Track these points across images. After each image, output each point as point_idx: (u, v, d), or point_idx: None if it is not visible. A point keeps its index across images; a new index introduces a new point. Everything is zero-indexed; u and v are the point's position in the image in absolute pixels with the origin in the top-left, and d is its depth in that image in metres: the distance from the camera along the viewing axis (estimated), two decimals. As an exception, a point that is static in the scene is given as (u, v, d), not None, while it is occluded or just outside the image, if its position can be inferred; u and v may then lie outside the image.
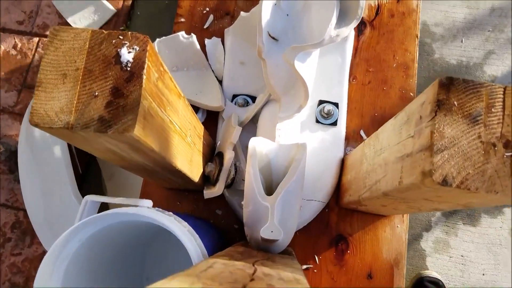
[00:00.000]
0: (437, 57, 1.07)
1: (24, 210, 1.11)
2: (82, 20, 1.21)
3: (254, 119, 0.70)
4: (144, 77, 0.34)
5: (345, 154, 0.71)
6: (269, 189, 0.55)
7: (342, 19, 0.60)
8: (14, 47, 1.24)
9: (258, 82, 0.72)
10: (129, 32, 0.35)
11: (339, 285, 0.67)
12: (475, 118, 0.32)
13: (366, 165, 0.52)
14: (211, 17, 0.78)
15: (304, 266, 0.68)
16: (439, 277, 0.96)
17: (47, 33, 1.24)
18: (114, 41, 0.34)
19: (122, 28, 1.20)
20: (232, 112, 0.69)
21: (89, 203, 0.48)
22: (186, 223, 0.44)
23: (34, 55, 1.22)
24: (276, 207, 0.44)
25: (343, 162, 0.69)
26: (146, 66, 0.34)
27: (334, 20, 0.57)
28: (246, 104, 0.71)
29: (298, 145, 0.51)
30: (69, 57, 0.34)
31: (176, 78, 0.73)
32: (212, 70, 0.75)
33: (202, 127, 0.59)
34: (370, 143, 0.52)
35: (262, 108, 0.68)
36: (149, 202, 0.43)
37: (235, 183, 0.64)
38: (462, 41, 1.08)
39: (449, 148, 0.31)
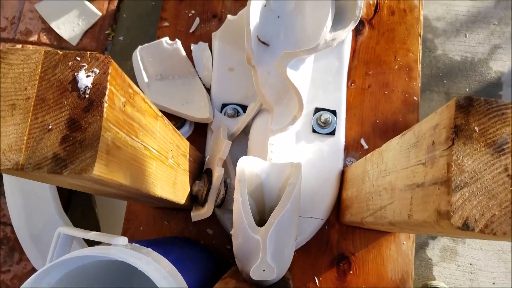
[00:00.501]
0: (439, 53, 1.02)
1: (12, 226, 1.06)
2: (66, 24, 1.15)
3: (246, 130, 0.64)
4: (106, 105, 0.29)
5: (345, 165, 0.65)
6: (262, 214, 0.49)
7: (339, 21, 0.55)
8: (-5, 54, 1.18)
9: (249, 89, 0.67)
10: (88, 53, 0.29)
11: (342, 307, 0.62)
12: (500, 147, 0.27)
13: (369, 184, 0.47)
14: (197, 20, 0.72)
15: (304, 288, 0.63)
16: (446, 287, 0.91)
17: (31, 39, 1.19)
18: (70, 63, 0.29)
19: (107, 31, 1.14)
20: (221, 123, 0.63)
21: (62, 236, 0.43)
22: (167, 261, 0.39)
23: (16, 62, 1.17)
24: (269, 241, 0.39)
25: (343, 174, 0.64)
26: (107, 91, 0.29)
27: (329, 22, 0.51)
28: (237, 114, 0.65)
29: (292, 165, 0.46)
30: (19, 84, 0.29)
31: (161, 88, 0.68)
32: (200, 78, 0.70)
33: (187, 144, 0.54)
34: (373, 160, 0.47)
35: (253, 118, 0.63)
36: (123, 240, 0.38)
37: (225, 202, 0.59)
38: (466, 36, 1.02)
39: (470, 185, 0.26)
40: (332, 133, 0.64)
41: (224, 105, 0.66)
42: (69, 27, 1.16)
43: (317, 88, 0.65)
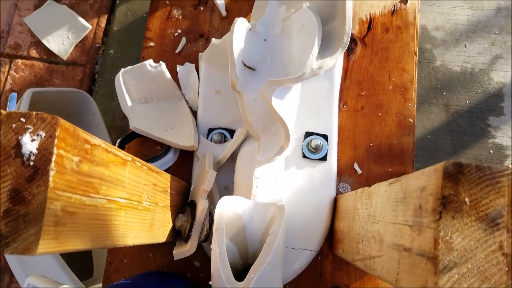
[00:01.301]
0: (438, 64, 0.98)
1: None
2: (56, 38, 1.13)
3: (234, 156, 0.61)
4: (53, 172, 0.26)
5: (338, 191, 0.62)
6: (245, 258, 0.46)
7: (326, 47, 0.51)
8: (-15, 69, 1.16)
9: (236, 113, 0.64)
10: (34, 113, 0.26)
11: None
12: (494, 221, 0.23)
13: (359, 225, 0.44)
14: (183, 40, 0.69)
15: (296, 323, 0.60)
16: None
17: (21, 53, 1.16)
18: (14, 125, 0.26)
19: (98, 45, 1.12)
20: (207, 151, 0.60)
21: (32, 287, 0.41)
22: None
23: (6, 78, 1.14)
24: (248, 296, 0.36)
25: (335, 201, 0.61)
26: (54, 157, 0.26)
27: (315, 50, 0.48)
28: (223, 139, 0.62)
29: (276, 206, 0.43)
30: (-42, 147, 0.26)
31: (146, 111, 0.65)
32: (186, 100, 0.67)
33: (168, 177, 0.51)
34: (363, 199, 0.44)
35: (241, 144, 0.60)
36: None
37: (210, 236, 0.56)
38: (465, 46, 0.98)
39: (460, 265, 0.23)
40: (324, 158, 0.61)
41: (210, 130, 0.63)
42: (59, 41, 1.13)
43: (307, 111, 0.62)
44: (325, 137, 0.61)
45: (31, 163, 0.26)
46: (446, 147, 1.07)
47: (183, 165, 0.65)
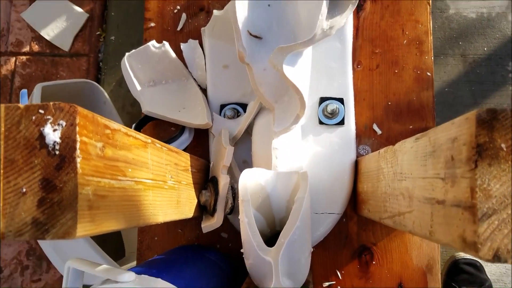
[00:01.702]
0: (452, 12, 0.94)
1: (34, 238, 1.08)
2: (55, 30, 1.12)
3: (249, 129, 0.61)
4: (79, 159, 0.26)
5: (358, 153, 0.62)
6: (272, 225, 0.47)
7: (335, 5, 0.49)
8: (-9, 69, 1.16)
9: (247, 86, 0.63)
10: (51, 104, 0.26)
11: (368, 301, 0.60)
12: (532, 164, 0.23)
13: (385, 184, 0.44)
14: (183, 16, 0.67)
15: (326, 284, 0.61)
16: (475, 257, 0.88)
17: (24, 50, 1.16)
18: (34, 117, 0.26)
19: (98, 32, 1.10)
20: (222, 127, 0.60)
21: (72, 270, 0.42)
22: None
23: (14, 75, 1.15)
24: (281, 261, 0.36)
25: (356, 164, 0.60)
26: (78, 145, 0.26)
27: (324, 9, 0.46)
28: (237, 114, 0.62)
29: (299, 174, 0.43)
30: (-17, 145, 0.26)
31: (156, 94, 0.64)
32: (194, 79, 0.66)
33: (187, 156, 0.51)
34: (387, 158, 0.43)
35: (255, 117, 0.59)
36: (129, 276, 0.36)
37: (235, 208, 0.57)
38: (479, -10, 0.94)
39: (500, 211, 0.23)
40: (341, 122, 0.60)
41: (222, 106, 0.63)
42: (59, 32, 1.12)
43: (320, 76, 0.61)
44: (341, 100, 0.60)
45: (57, 152, 0.26)
46: (466, 98, 1.04)
47: (199, 144, 0.65)
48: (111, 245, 1.07)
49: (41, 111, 0.26)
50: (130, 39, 1.06)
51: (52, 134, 0.26)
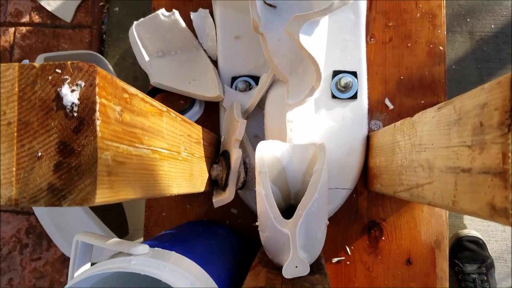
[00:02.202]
0: (463, -13, 0.91)
1: (35, 214, 1.08)
2: (57, 0, 1.09)
3: (261, 103, 0.60)
4: (99, 121, 0.25)
5: (370, 129, 0.61)
6: (287, 198, 0.47)
7: (353, -28, 0.47)
8: (-8, 41, 1.14)
9: (259, 58, 0.61)
10: (69, 63, 0.25)
11: (376, 275, 0.60)
12: None
13: (401, 157, 0.43)
14: (193, -16, 0.65)
15: (336, 259, 0.61)
16: (478, 235, 0.89)
17: (23, 20, 1.13)
18: (50, 77, 0.25)
19: (101, 3, 1.08)
20: (233, 100, 0.59)
21: (81, 244, 0.42)
22: (193, 264, 0.37)
23: (13, 47, 1.12)
24: (298, 233, 0.36)
25: (368, 139, 0.60)
26: (98, 106, 0.25)
27: (343, -24, 0.44)
28: (249, 87, 0.60)
29: (316, 146, 0.42)
30: (-3, 107, 0.25)
31: (165, 65, 0.63)
32: (205, 50, 0.64)
33: (199, 128, 0.50)
34: (404, 131, 0.43)
35: (267, 90, 0.58)
36: (143, 248, 0.36)
37: (247, 183, 0.56)
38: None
39: (534, 178, 0.22)
40: (354, 96, 0.59)
41: (234, 78, 0.62)
42: (60, 3, 1.09)
43: (333, 48, 0.59)
44: (354, 74, 0.59)
45: (75, 114, 0.25)
46: (472, 76, 1.03)
47: (209, 118, 0.64)
48: (114, 223, 1.07)
49: (58, 70, 0.25)
50: (135, 11, 1.04)
51: (70, 95, 0.25)
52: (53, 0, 1.09)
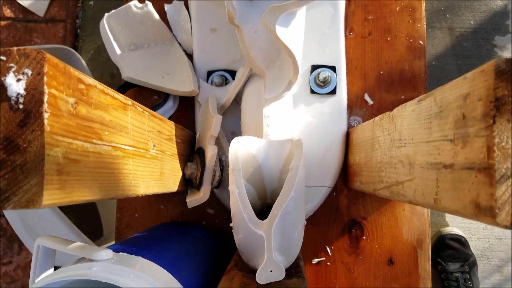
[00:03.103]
0: (442, -16, 0.91)
1: (5, 217, 1.03)
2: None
3: (238, 98, 0.58)
4: (47, 114, 0.22)
5: (350, 125, 0.60)
6: (263, 197, 0.45)
7: (331, -38, 0.46)
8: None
9: (236, 51, 0.59)
10: (15, 49, 0.22)
11: (357, 275, 0.59)
12: (557, 121, 0.20)
13: (380, 153, 0.42)
14: (167, -25, 0.62)
15: (316, 260, 0.60)
16: (460, 232, 0.89)
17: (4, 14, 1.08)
18: (-8, 64, 0.22)
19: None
20: (209, 95, 0.57)
21: (42, 248, 0.39)
22: (161, 269, 0.35)
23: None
24: (274, 235, 0.34)
25: (347, 135, 0.58)
26: (47, 98, 0.22)
27: (320, -35, 0.43)
28: (225, 82, 0.58)
29: (293, 143, 0.40)
30: None
31: (137, 59, 0.60)
32: (179, 43, 0.62)
33: (172, 124, 0.48)
34: (383, 126, 0.41)
35: (244, 85, 0.56)
36: (106, 253, 0.33)
37: (223, 182, 0.54)
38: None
39: (519, 173, 0.21)
40: (333, 92, 0.57)
41: (210, 73, 0.59)
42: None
43: (312, 42, 0.58)
44: (333, 68, 0.57)
45: (21, 106, 0.22)
46: (452, 72, 1.03)
47: (184, 114, 0.62)
48: (88, 225, 1.03)
49: (3, 57, 0.22)
50: (110, 4, 1.00)
51: (16, 85, 0.22)
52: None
